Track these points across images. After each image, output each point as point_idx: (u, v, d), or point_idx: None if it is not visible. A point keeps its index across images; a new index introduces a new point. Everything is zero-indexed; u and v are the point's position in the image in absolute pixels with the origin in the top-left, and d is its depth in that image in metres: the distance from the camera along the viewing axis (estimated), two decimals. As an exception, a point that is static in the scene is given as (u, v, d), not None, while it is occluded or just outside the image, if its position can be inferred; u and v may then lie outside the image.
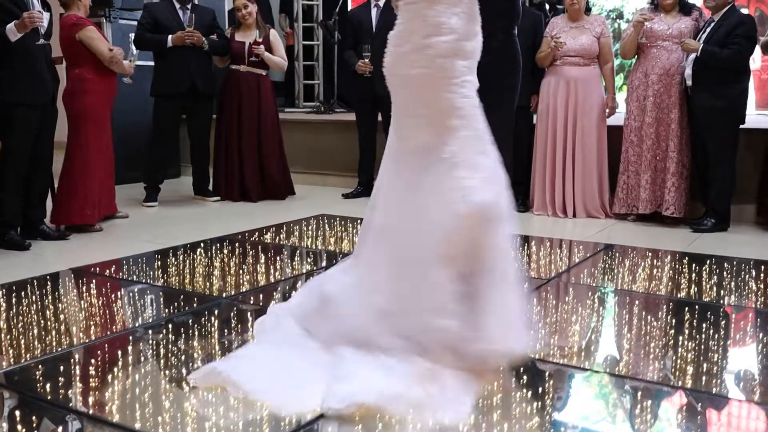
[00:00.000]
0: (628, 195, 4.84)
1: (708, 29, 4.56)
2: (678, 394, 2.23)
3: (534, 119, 5.19)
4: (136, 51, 4.83)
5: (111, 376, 2.30)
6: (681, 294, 3.22)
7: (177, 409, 2.06)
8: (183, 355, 2.47)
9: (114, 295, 3.14)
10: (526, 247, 4.03)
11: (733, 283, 3.38)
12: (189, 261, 3.71)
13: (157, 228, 4.62)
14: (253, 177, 5.57)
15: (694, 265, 3.65)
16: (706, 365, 2.41)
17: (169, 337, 2.65)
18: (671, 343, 2.61)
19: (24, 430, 1.94)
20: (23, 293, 3.11)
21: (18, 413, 2.04)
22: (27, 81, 3.88)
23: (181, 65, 5.29)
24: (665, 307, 3.04)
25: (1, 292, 3.11)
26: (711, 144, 4.57)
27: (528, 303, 2.69)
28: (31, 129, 3.94)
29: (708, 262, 3.72)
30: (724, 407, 2.15)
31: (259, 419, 2.00)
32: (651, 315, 2.93)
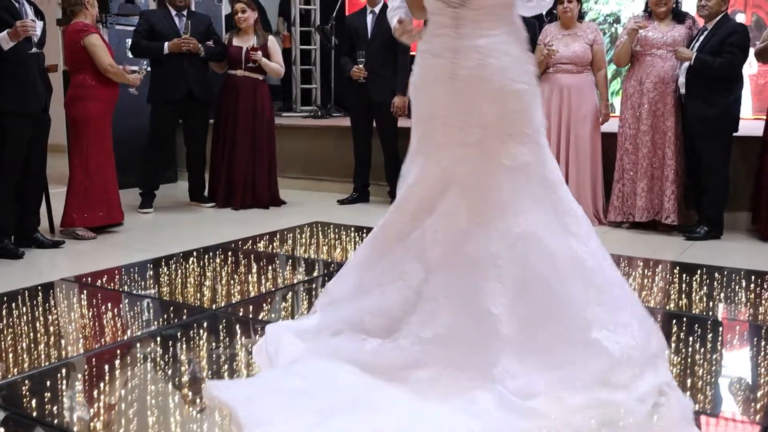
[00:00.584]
0: (623, 203, 4.85)
1: (701, 38, 4.57)
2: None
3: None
4: (145, 63, 4.87)
5: (97, 391, 2.32)
6: (671, 305, 3.23)
7: (162, 426, 2.07)
8: (170, 370, 2.49)
9: (104, 307, 3.14)
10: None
11: (723, 294, 3.39)
12: (181, 271, 3.73)
13: (151, 236, 4.63)
14: (246, 183, 5.58)
15: (684, 276, 3.65)
16: (690, 380, 2.42)
17: (157, 351, 2.67)
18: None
19: (8, 447, 1.96)
20: (14, 304, 3.13)
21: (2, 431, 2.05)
22: (19, 90, 3.90)
23: (178, 72, 5.30)
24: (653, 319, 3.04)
25: (-8, 303, 3.13)
26: (704, 152, 4.58)
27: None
28: (24, 138, 3.96)
29: (699, 272, 3.72)
30: (703, 424, 2.15)
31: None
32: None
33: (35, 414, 2.15)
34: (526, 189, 2.16)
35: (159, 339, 2.77)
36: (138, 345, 2.71)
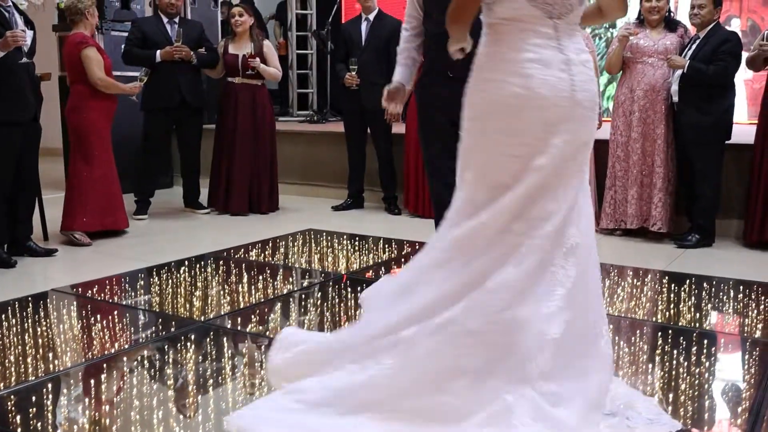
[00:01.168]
0: (615, 210, 4.86)
1: (693, 46, 4.58)
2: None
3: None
4: (144, 71, 4.89)
5: (82, 407, 2.33)
6: (657, 317, 3.24)
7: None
8: (156, 384, 2.50)
9: (94, 319, 3.16)
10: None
11: (710, 306, 3.40)
12: (172, 281, 3.74)
13: (145, 244, 4.65)
14: (243, 189, 5.59)
15: (673, 286, 3.66)
16: (671, 395, 2.43)
17: (144, 365, 2.69)
18: (641, 370, 2.64)
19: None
20: (3, 316, 3.15)
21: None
22: (9, 99, 3.92)
23: (170, 80, 5.31)
24: (639, 331, 3.06)
25: (-17, 314, 3.15)
26: (696, 160, 4.59)
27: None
28: (14, 147, 3.98)
29: (688, 282, 3.74)
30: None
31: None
32: (623, 339, 2.95)
33: (20, 431, 2.16)
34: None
35: (146, 352, 2.79)
36: (125, 359, 2.72)
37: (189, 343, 2.89)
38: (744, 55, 4.66)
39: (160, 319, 3.16)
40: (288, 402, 2.12)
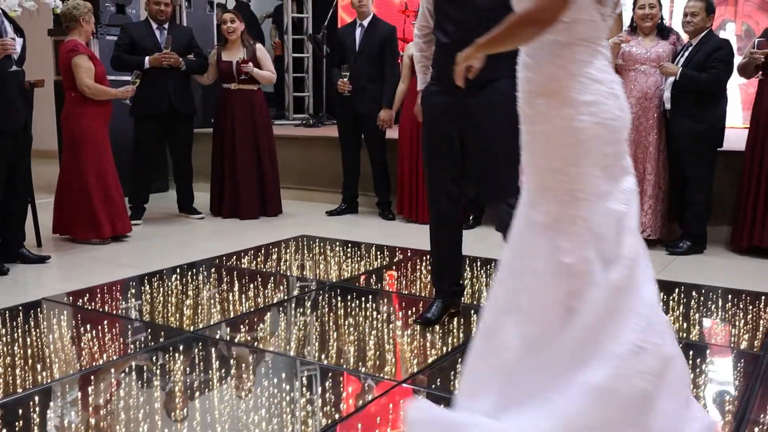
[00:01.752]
0: (608, 216, 4.86)
1: (686, 53, 4.59)
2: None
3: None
4: (136, 74, 4.90)
5: (68, 420, 2.35)
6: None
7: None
8: (142, 397, 2.52)
9: (83, 329, 3.18)
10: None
11: (698, 315, 3.41)
12: (163, 289, 3.76)
13: (139, 250, 4.67)
14: (251, 195, 5.62)
15: (662, 294, 3.67)
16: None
17: (132, 376, 2.70)
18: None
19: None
20: (-6, 326, 3.17)
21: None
22: (-1, 108, 3.94)
23: (159, 86, 5.30)
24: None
25: (-27, 324, 3.17)
26: (689, 167, 4.60)
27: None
28: (4, 156, 3.99)
29: (677, 290, 3.75)
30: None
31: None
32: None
33: (5, 445, 2.18)
34: None
35: (133, 364, 2.80)
36: (112, 371, 2.74)
37: (177, 354, 2.90)
38: (738, 61, 4.68)
39: (149, 329, 3.17)
40: None
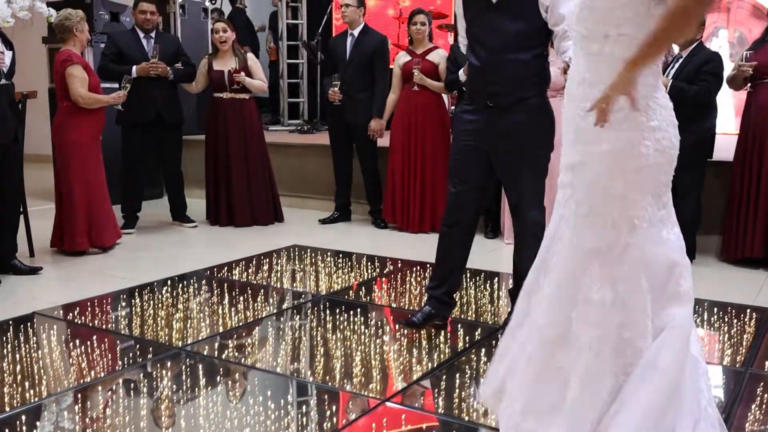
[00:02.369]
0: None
1: (676, 65, 4.61)
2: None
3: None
4: (126, 79, 4.92)
5: (54, 440, 2.38)
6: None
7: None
8: (128, 416, 2.54)
9: (72, 345, 3.20)
10: (496, 286, 4.09)
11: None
12: (153, 302, 3.78)
13: (131, 260, 4.69)
14: (242, 203, 5.65)
15: (649, 308, 3.69)
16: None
17: (119, 393, 2.73)
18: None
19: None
20: (-16, 341, 3.19)
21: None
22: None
23: (146, 96, 5.29)
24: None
25: (-37, 339, 3.19)
26: (678, 179, 4.58)
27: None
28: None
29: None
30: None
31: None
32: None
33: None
34: None
35: (120, 381, 2.83)
36: (99, 389, 2.76)
37: (165, 371, 2.93)
38: (727, 72, 4.71)
39: (138, 345, 3.20)
40: None
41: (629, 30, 1.98)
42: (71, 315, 3.58)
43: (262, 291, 4.01)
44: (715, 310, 3.69)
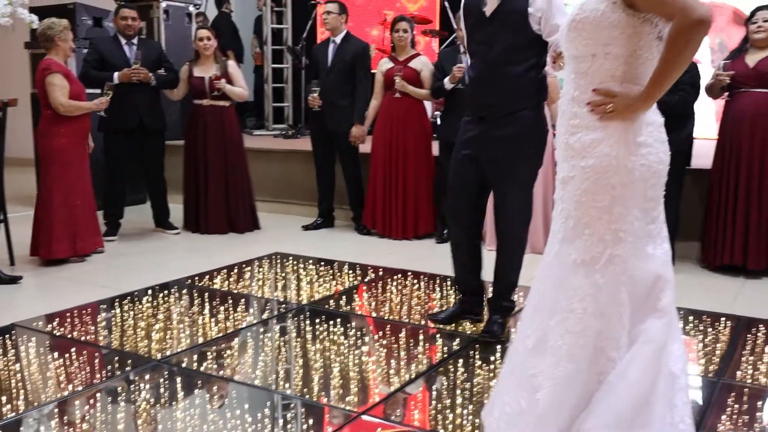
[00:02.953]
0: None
1: (654, 75, 4.66)
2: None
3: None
4: (108, 85, 4.91)
5: (30, 456, 2.38)
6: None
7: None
8: (106, 431, 2.55)
9: (51, 357, 3.20)
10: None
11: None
12: (134, 312, 3.78)
13: (113, 268, 4.70)
14: (220, 210, 5.64)
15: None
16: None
17: (96, 408, 2.73)
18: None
19: None
20: (-38, 354, 3.19)
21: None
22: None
23: (129, 102, 5.27)
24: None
25: (-59, 352, 3.18)
26: (656, 186, 4.67)
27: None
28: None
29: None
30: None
31: None
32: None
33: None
34: None
35: (98, 396, 2.83)
36: (76, 403, 2.76)
37: (143, 384, 2.94)
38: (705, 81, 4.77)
39: (117, 357, 3.20)
40: None
41: (616, 49, 2.03)
42: (51, 326, 3.58)
43: (243, 300, 4.02)
44: (691, 318, 3.73)
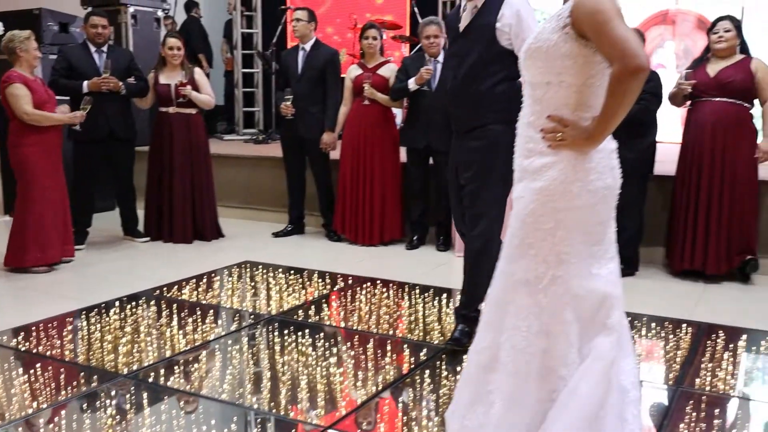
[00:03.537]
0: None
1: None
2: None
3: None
4: (87, 99, 4.86)
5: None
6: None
7: None
8: (70, 449, 2.55)
9: (15, 373, 3.18)
10: (444, 303, 4.16)
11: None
12: (101, 324, 3.77)
13: (79, 278, 4.67)
14: (186, 218, 5.61)
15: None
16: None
17: (62, 425, 2.72)
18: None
19: None
20: (-76, 371, 3.15)
21: None
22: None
23: (98, 111, 5.19)
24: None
25: None
26: (621, 194, 4.74)
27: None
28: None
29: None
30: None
31: None
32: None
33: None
34: None
35: (63, 413, 2.82)
36: (41, 421, 2.75)
37: (109, 400, 2.93)
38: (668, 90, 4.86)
39: (82, 373, 3.19)
40: None
41: (569, 78, 2.10)
42: (16, 341, 3.55)
43: (211, 311, 4.01)
44: (653, 325, 3.81)
